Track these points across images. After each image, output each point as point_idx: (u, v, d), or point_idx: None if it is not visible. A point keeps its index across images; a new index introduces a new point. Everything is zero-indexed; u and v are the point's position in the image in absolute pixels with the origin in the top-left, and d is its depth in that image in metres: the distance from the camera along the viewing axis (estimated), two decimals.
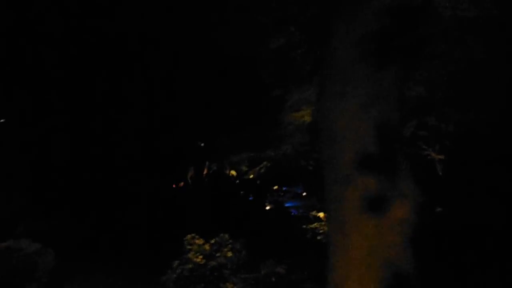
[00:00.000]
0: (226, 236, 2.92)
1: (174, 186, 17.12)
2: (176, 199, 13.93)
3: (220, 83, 14.60)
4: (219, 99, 15.23)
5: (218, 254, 2.69)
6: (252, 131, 13.09)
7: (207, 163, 21.54)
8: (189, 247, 2.81)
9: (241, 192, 14.84)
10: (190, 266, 2.69)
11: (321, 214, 8.97)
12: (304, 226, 8.27)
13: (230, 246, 2.77)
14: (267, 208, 14.85)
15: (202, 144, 21.06)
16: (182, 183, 19.21)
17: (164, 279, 2.79)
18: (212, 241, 2.93)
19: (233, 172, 23.86)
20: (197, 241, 2.81)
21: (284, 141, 12.19)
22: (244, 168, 22.45)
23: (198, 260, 2.73)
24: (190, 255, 2.76)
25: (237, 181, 17.62)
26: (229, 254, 2.75)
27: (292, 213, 12.98)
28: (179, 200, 13.95)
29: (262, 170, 15.28)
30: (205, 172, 21.57)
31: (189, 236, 2.92)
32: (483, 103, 12.77)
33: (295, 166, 19.19)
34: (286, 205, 15.89)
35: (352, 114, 1.31)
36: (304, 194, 23.09)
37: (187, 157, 20.14)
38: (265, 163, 14.91)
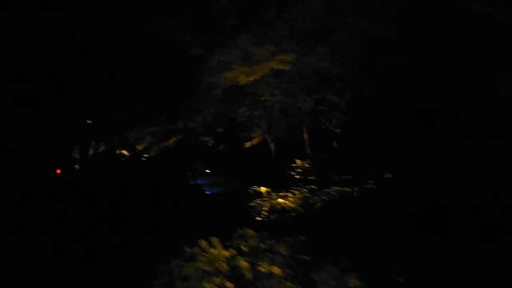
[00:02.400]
0: (252, 232, 1.80)
1: (58, 171, 14.35)
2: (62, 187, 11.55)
3: (113, 42, 12.42)
4: (112, 63, 13.06)
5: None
6: (158, 100, 11.37)
7: (92, 142, 18.91)
8: (208, 268, 1.58)
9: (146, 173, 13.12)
10: None
11: (263, 189, 8.12)
12: (252, 204, 7.31)
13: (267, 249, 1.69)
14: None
15: (90, 121, 18.38)
16: (59, 170, 16.22)
17: None
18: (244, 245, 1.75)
19: (125, 152, 21.53)
20: (222, 251, 1.62)
21: (197, 111, 10.89)
22: (140, 147, 20.42)
23: None
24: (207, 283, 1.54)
25: (143, 159, 15.71)
26: (276, 269, 1.64)
27: (207, 192, 11.98)
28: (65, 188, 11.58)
29: (171, 146, 13.73)
30: (90, 152, 18.92)
31: (203, 242, 1.73)
32: (379, 78, 13.71)
33: (198, 141, 18.08)
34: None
35: None
36: (207, 171, 22.24)
37: (72, 136, 17.30)
38: (174, 138, 13.37)
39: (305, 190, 7.46)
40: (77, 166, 17.06)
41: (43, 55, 12.84)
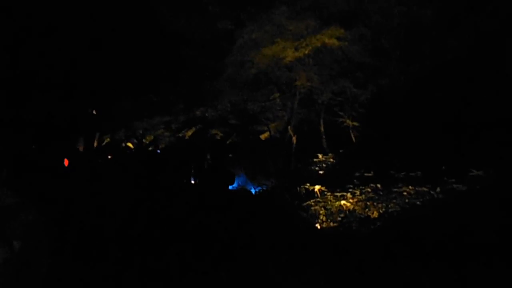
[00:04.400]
0: None
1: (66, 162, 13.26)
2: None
3: (120, 24, 11.33)
4: (120, 48, 12.03)
5: None
6: (175, 86, 10.20)
7: (97, 134, 18.00)
8: None
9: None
10: None
11: (317, 188, 6.79)
12: (305, 206, 6.08)
13: None
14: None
15: (94, 112, 17.52)
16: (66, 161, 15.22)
17: None
18: None
19: (130, 144, 20.59)
20: None
21: (219, 97, 9.70)
22: (148, 138, 19.45)
23: None
24: None
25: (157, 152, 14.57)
26: None
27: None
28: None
29: (187, 138, 12.57)
30: (95, 144, 18.00)
31: None
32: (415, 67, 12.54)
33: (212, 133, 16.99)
34: None
35: None
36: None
37: (76, 127, 16.50)
38: (193, 129, 12.16)
39: (368, 189, 6.27)
40: (82, 158, 16.06)
41: (46, 43, 12.02)
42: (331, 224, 5.42)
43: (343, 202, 5.82)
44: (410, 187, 5.91)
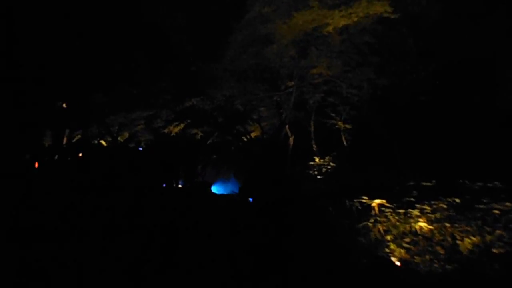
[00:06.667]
0: None
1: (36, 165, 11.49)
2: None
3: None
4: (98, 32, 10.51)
5: None
6: (162, 73, 8.63)
7: (67, 130, 16.23)
8: None
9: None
10: None
11: (376, 202, 4.96)
12: (361, 226, 4.39)
13: None
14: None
15: (64, 105, 15.72)
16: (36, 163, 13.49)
17: None
18: None
19: (103, 142, 18.86)
20: None
21: (216, 86, 8.10)
22: (123, 136, 17.79)
23: None
24: None
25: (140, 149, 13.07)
26: None
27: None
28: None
29: (174, 133, 11.07)
30: (64, 141, 16.25)
31: None
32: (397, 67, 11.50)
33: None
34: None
35: None
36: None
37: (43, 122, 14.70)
38: (181, 125, 10.60)
39: (443, 205, 4.72)
40: (49, 157, 14.31)
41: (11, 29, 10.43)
42: (403, 255, 3.95)
43: (419, 223, 4.25)
44: (508, 203, 4.34)
